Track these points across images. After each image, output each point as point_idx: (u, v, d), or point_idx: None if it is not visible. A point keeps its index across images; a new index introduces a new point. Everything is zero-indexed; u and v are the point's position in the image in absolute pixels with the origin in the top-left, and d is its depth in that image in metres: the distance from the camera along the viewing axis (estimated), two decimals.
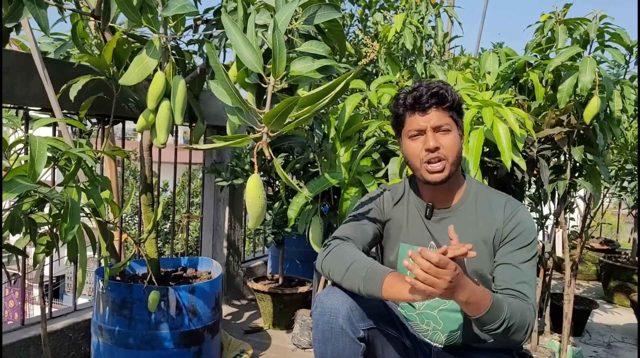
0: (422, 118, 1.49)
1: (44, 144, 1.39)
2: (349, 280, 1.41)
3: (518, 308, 1.37)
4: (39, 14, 1.62)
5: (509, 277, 1.46)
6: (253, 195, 1.29)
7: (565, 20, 2.35)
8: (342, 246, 1.52)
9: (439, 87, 1.49)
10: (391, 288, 1.32)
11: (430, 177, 1.50)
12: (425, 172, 1.50)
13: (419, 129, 1.50)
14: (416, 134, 1.51)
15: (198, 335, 2.09)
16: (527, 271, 1.47)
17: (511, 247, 1.49)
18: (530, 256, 1.49)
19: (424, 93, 1.48)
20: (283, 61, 1.32)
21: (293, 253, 3.59)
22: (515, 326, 1.34)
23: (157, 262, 2.20)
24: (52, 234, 1.67)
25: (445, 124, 1.48)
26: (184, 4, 1.76)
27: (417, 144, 1.51)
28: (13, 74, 2.07)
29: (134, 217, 10.04)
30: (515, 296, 1.42)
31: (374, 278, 1.36)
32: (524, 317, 1.37)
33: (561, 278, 4.57)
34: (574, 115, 2.22)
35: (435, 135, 1.48)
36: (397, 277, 1.34)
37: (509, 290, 1.44)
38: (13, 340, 2.17)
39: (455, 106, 1.51)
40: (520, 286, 1.44)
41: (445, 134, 1.49)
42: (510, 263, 1.47)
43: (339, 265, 1.45)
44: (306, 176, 2.49)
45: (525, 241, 1.49)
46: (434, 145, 1.47)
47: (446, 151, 1.48)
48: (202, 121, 2.43)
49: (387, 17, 3.46)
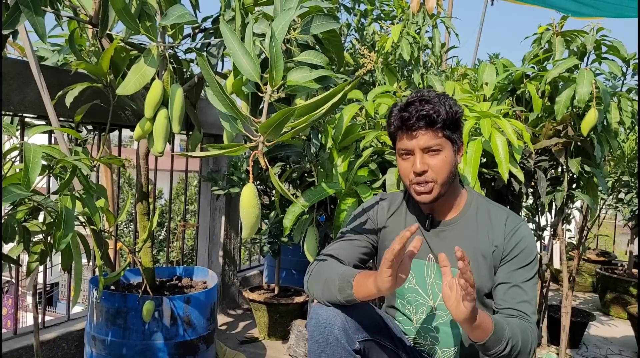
0: (410, 141, 1.46)
1: (38, 152, 1.38)
2: (328, 293, 1.41)
3: (519, 328, 1.36)
4: (36, 21, 1.61)
5: (510, 297, 1.45)
6: (248, 204, 1.28)
7: (563, 32, 2.36)
8: (321, 264, 1.52)
9: (429, 108, 1.43)
10: (360, 287, 1.33)
11: (418, 198, 1.49)
12: (414, 193, 1.49)
13: (407, 149, 1.48)
14: (405, 153, 1.49)
15: (193, 345, 2.07)
16: (528, 290, 1.45)
17: (512, 266, 1.47)
18: (531, 275, 1.47)
19: (412, 115, 1.43)
20: (280, 70, 1.32)
21: (289, 263, 3.57)
22: (519, 346, 1.33)
23: (152, 271, 2.18)
24: (46, 243, 1.65)
25: (435, 145, 1.45)
26: (182, 12, 1.75)
27: (406, 164, 1.49)
28: (9, 80, 2.06)
29: (130, 224, 10.00)
30: (516, 316, 1.41)
31: (346, 284, 1.37)
32: (526, 336, 1.36)
33: (558, 290, 4.56)
34: (572, 127, 2.22)
35: (423, 156, 1.45)
36: (364, 276, 1.34)
37: (510, 309, 1.43)
38: (5, 350, 2.14)
39: (448, 124, 1.45)
40: (521, 305, 1.43)
41: (435, 154, 1.46)
42: (510, 283, 1.46)
43: (317, 283, 1.46)
44: (303, 186, 2.48)
45: (527, 260, 1.47)
46: (420, 169, 1.45)
47: (434, 172, 1.45)
48: (199, 129, 2.42)
49: (383, 27, 3.47)
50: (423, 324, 1.58)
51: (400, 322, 1.64)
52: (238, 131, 1.43)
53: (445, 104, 1.45)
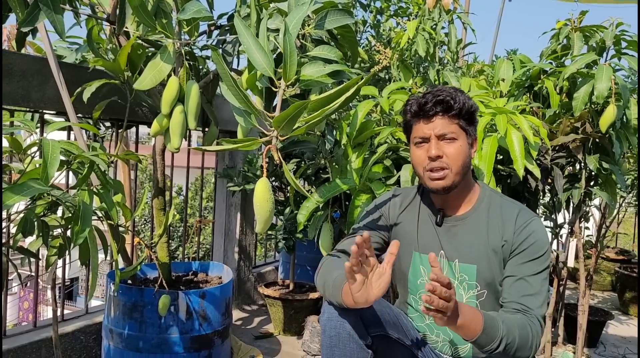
0: (427, 126, 1.47)
1: (57, 147, 1.40)
2: (330, 296, 1.43)
3: (516, 325, 1.34)
4: (55, 19, 1.63)
5: (515, 290, 1.43)
6: (261, 198, 1.29)
7: (581, 28, 2.33)
8: (328, 263, 1.54)
9: (446, 94, 1.46)
10: (346, 297, 1.34)
11: (431, 184, 1.48)
12: (428, 179, 1.49)
13: (423, 136, 1.48)
14: (421, 141, 1.49)
15: (208, 339, 2.09)
16: (535, 284, 1.43)
17: (520, 259, 1.45)
18: (540, 269, 1.44)
19: (429, 100, 1.46)
20: (294, 64, 1.32)
21: (304, 259, 3.58)
22: (515, 343, 1.31)
23: (168, 266, 2.21)
24: (64, 237, 1.68)
25: (450, 133, 1.46)
26: (199, 8, 1.77)
27: (421, 151, 1.49)
28: (29, 77, 2.09)
29: (147, 219, 10.10)
30: (519, 311, 1.39)
31: (336, 290, 1.39)
32: (525, 333, 1.34)
33: (575, 288, 4.51)
34: (590, 123, 2.20)
35: (439, 143, 1.46)
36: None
37: (514, 303, 1.41)
38: (25, 342, 2.18)
39: (464, 114, 1.47)
40: (526, 299, 1.41)
41: (450, 142, 1.46)
42: (516, 276, 1.44)
43: (321, 283, 1.49)
44: (317, 182, 2.48)
45: (536, 254, 1.45)
46: (435, 153, 1.45)
47: (450, 159, 1.46)
48: (215, 125, 2.44)
49: (399, 23, 3.46)
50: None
51: (413, 318, 1.63)
52: (252, 126, 1.44)
53: (462, 95, 1.48)
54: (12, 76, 2.04)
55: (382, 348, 1.46)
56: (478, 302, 1.51)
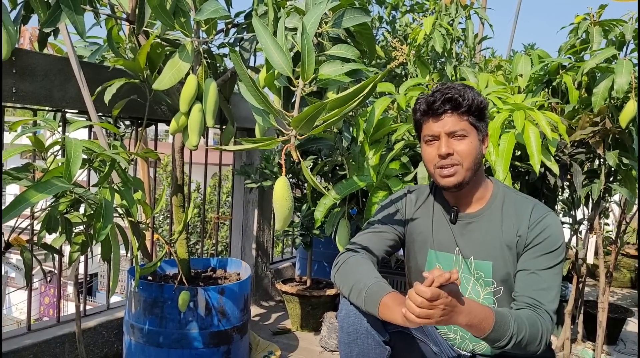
0: (436, 124, 1.48)
1: (79, 146, 1.43)
2: (354, 298, 1.42)
3: (527, 320, 1.34)
4: (76, 20, 1.66)
5: (527, 284, 1.43)
6: (280, 197, 1.30)
7: (600, 22, 2.30)
8: (349, 261, 1.52)
9: (454, 92, 1.46)
10: (387, 310, 1.32)
11: (442, 181, 1.48)
12: (439, 177, 1.49)
13: (433, 134, 1.48)
14: (431, 139, 1.50)
15: (227, 335, 2.11)
16: (547, 278, 1.43)
17: (533, 253, 1.45)
18: (553, 264, 1.44)
19: (438, 98, 1.46)
20: (312, 64, 1.33)
21: (321, 255, 3.60)
22: (525, 339, 1.32)
23: (187, 262, 2.23)
24: (86, 234, 1.71)
25: (460, 130, 1.46)
26: (216, 7, 1.78)
27: (431, 149, 1.50)
28: (51, 77, 2.13)
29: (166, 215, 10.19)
30: (530, 305, 1.40)
31: (372, 300, 1.36)
32: (534, 329, 1.34)
33: (595, 285, 4.46)
34: (609, 118, 2.17)
35: (449, 141, 1.46)
36: (393, 299, 1.33)
37: (525, 297, 1.41)
38: (49, 336, 2.23)
39: (473, 110, 1.47)
40: (537, 293, 1.41)
41: (461, 139, 1.46)
42: (529, 270, 1.44)
43: (345, 282, 1.47)
44: (334, 179, 2.49)
45: (550, 248, 1.45)
46: (445, 151, 1.45)
47: (460, 156, 1.46)
48: (232, 123, 2.46)
49: (416, 19, 3.44)
50: None
51: None
52: (270, 125, 1.45)
53: (470, 91, 1.48)
54: (35, 75, 2.07)
55: (400, 345, 1.47)
56: (495, 299, 1.52)
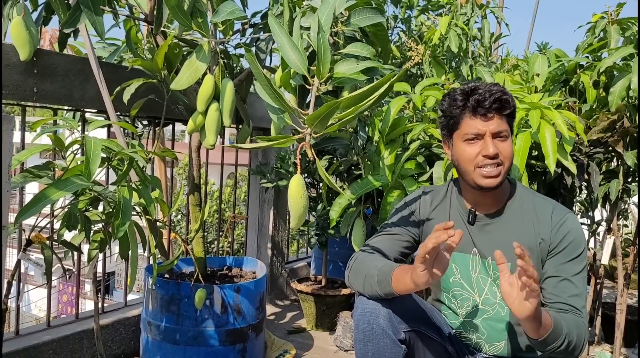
0: (483, 123, 1.44)
1: (98, 144, 1.45)
2: (369, 288, 1.43)
3: (573, 323, 1.35)
4: (96, 20, 1.69)
5: (561, 290, 1.43)
6: (295, 195, 1.31)
7: (618, 20, 2.28)
8: (359, 258, 1.53)
9: (501, 93, 1.44)
10: (398, 282, 1.35)
11: (484, 182, 1.45)
12: (479, 177, 1.45)
13: (477, 133, 1.45)
14: (473, 138, 1.46)
15: (242, 333, 2.13)
16: (578, 283, 1.43)
17: (561, 259, 1.45)
18: (580, 268, 1.45)
19: (487, 97, 1.43)
20: (327, 62, 1.34)
21: (336, 255, 3.60)
22: (574, 341, 1.33)
23: (203, 261, 2.25)
24: (105, 231, 1.74)
25: (504, 131, 1.45)
26: (233, 9, 1.80)
27: (472, 148, 1.46)
28: (71, 77, 2.16)
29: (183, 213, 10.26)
30: (567, 311, 1.40)
31: (384, 279, 1.38)
32: (580, 332, 1.35)
33: (613, 287, 4.41)
34: (627, 118, 2.15)
35: (494, 141, 1.45)
36: (402, 271, 1.35)
37: (561, 303, 1.41)
38: (68, 332, 2.26)
39: (512, 112, 1.48)
40: (572, 299, 1.41)
41: (504, 140, 1.45)
42: (560, 276, 1.44)
43: (358, 278, 1.48)
44: (350, 179, 2.50)
45: (576, 252, 1.45)
46: (494, 152, 1.43)
47: (504, 157, 1.45)
48: (248, 123, 2.47)
49: (431, 18, 3.43)
50: (468, 318, 1.57)
51: (446, 315, 1.63)
52: (285, 124, 1.47)
53: (510, 96, 1.47)
54: (56, 75, 2.11)
55: (415, 344, 1.47)
56: None
